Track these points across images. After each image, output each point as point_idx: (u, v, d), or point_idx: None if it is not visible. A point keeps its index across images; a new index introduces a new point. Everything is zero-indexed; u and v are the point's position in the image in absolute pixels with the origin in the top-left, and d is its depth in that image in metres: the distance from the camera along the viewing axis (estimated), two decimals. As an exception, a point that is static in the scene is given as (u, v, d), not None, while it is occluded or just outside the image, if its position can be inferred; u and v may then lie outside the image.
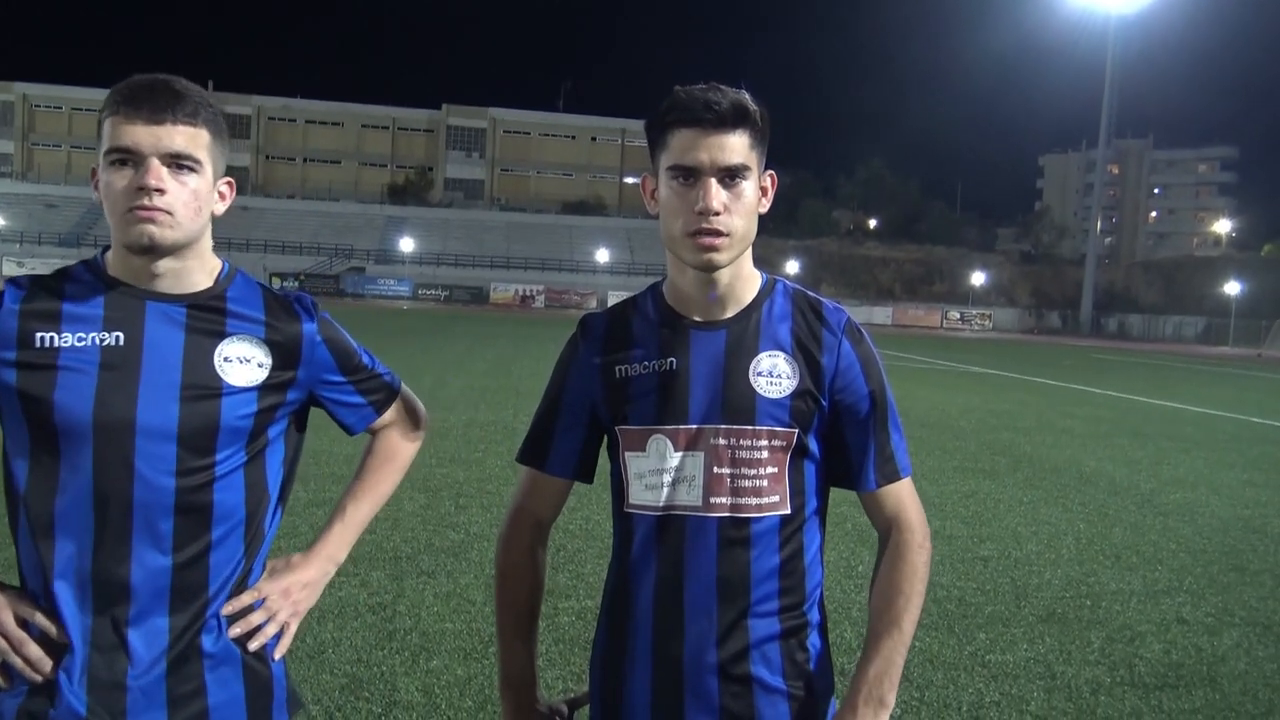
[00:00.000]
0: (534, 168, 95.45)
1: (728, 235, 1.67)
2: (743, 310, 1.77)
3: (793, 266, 73.80)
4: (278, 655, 1.81)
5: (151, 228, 1.61)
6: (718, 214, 1.65)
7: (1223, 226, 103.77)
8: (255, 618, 1.76)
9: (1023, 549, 7.13)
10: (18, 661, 1.63)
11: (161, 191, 1.60)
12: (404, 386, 2.02)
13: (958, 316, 75.22)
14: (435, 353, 22.61)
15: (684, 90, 1.67)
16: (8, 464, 1.69)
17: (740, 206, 1.67)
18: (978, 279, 78.32)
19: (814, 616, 1.80)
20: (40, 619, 1.64)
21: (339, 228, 78.20)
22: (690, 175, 1.66)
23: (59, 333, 1.64)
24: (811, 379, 1.74)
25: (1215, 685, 4.70)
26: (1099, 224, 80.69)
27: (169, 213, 1.61)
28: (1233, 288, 67.36)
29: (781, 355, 1.75)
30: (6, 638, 1.63)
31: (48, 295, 1.67)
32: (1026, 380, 24.32)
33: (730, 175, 1.66)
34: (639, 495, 1.77)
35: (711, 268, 1.70)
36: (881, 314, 72.87)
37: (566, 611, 5.18)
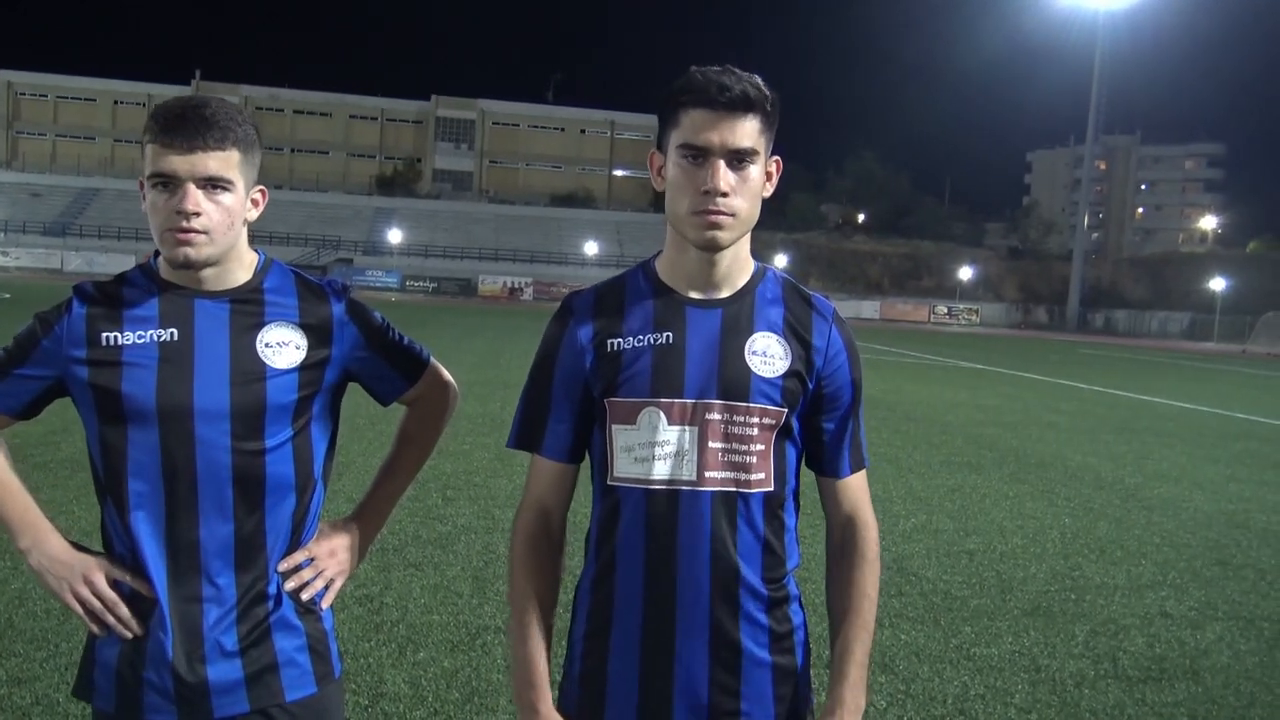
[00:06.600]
0: (523, 160, 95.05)
1: (732, 216, 1.70)
2: (737, 291, 1.81)
3: (781, 260, 73.81)
4: (324, 605, 2.00)
5: (188, 249, 1.79)
6: (724, 195, 1.68)
7: (1209, 223, 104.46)
8: (305, 574, 1.96)
9: (1008, 543, 7.17)
10: (111, 620, 1.84)
11: (197, 214, 1.77)
12: (434, 360, 2.14)
13: (945, 311, 75.42)
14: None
15: (699, 71, 1.71)
16: (90, 449, 1.89)
17: (746, 190, 1.71)
18: (965, 274, 78.54)
19: (793, 590, 1.86)
20: (130, 580, 1.84)
21: (327, 219, 77.83)
22: (700, 155, 1.69)
23: (121, 332, 1.84)
24: (802, 362, 1.79)
25: (1198, 678, 4.74)
26: (1086, 220, 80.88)
27: (204, 232, 1.79)
28: (1218, 284, 67.74)
29: (774, 336, 1.79)
30: (102, 600, 1.84)
31: (109, 299, 1.87)
32: (1013, 375, 24.42)
33: (738, 158, 1.69)
34: (626, 468, 1.77)
35: (714, 247, 1.73)
36: (869, 308, 73.02)
37: (560, 603, 5.17)
